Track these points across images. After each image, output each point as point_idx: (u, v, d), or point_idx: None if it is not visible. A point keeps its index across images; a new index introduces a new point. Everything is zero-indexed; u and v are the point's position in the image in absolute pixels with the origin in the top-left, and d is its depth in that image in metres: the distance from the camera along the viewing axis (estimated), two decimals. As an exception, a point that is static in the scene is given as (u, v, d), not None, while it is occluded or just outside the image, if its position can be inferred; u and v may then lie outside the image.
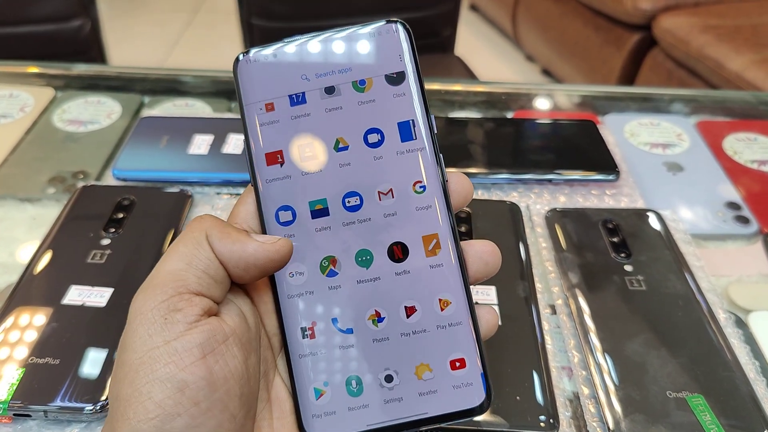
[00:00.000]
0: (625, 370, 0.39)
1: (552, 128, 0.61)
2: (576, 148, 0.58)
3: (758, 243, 0.52)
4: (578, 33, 1.84)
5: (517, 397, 0.37)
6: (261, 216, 0.29)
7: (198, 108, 0.66)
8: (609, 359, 0.40)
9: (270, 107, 0.29)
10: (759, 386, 0.39)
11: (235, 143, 0.58)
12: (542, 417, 0.37)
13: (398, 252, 0.28)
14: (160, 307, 0.24)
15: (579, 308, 0.43)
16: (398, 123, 0.29)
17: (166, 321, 0.24)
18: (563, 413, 0.38)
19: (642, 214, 0.51)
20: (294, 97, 0.29)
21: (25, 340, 0.39)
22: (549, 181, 0.56)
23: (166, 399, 0.23)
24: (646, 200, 0.55)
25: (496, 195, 0.55)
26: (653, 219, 0.51)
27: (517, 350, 0.40)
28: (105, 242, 0.47)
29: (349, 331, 0.28)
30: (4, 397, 0.36)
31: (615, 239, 0.48)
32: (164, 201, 0.51)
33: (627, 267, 0.46)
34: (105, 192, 0.52)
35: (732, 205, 0.55)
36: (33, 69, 0.72)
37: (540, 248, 0.49)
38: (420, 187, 0.28)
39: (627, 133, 0.63)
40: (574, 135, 0.60)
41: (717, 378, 0.39)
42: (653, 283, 0.45)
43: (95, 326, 0.41)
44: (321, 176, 0.29)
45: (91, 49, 1.17)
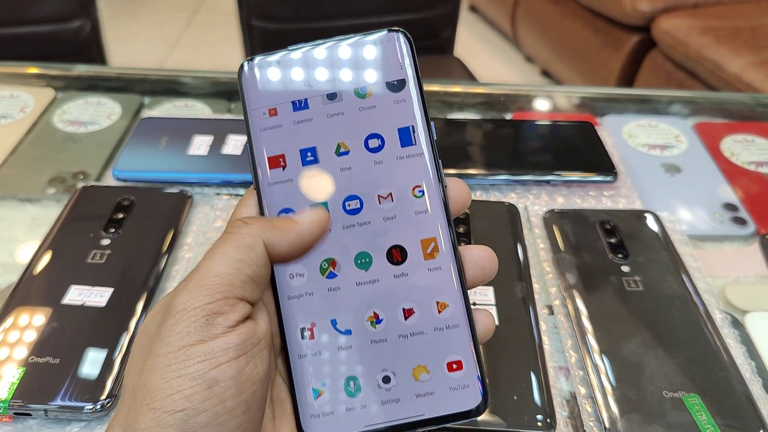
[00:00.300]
0: (622, 370, 0.39)
1: (550, 129, 0.61)
2: (574, 150, 0.58)
3: (755, 244, 0.52)
4: (577, 34, 1.84)
5: (515, 397, 0.38)
6: (262, 216, 0.29)
7: (198, 109, 0.67)
8: (606, 359, 0.40)
9: (273, 112, 0.30)
10: (755, 386, 0.39)
11: (235, 144, 0.58)
12: (539, 416, 0.37)
13: (397, 255, 0.28)
14: (205, 309, 0.25)
15: (576, 309, 0.43)
16: (398, 129, 0.29)
17: (208, 322, 0.25)
18: (560, 413, 0.38)
19: (639, 215, 0.51)
20: (297, 103, 0.30)
21: (26, 340, 0.40)
22: (547, 183, 0.56)
23: (195, 394, 0.23)
24: (644, 201, 0.55)
25: (495, 196, 0.55)
26: (651, 220, 0.51)
27: (515, 350, 0.40)
28: (105, 242, 0.47)
29: (348, 333, 0.28)
30: (5, 396, 0.37)
31: (612, 240, 0.49)
32: (164, 201, 0.52)
33: (624, 268, 0.46)
34: (105, 192, 0.52)
35: (729, 207, 0.55)
36: (33, 70, 0.73)
37: (538, 249, 0.49)
38: (419, 192, 0.29)
39: (625, 135, 0.64)
40: (573, 136, 0.60)
41: (713, 378, 0.39)
42: (650, 284, 0.45)
43: (95, 326, 0.41)
44: (322, 179, 0.29)
45: (91, 50, 1.17)
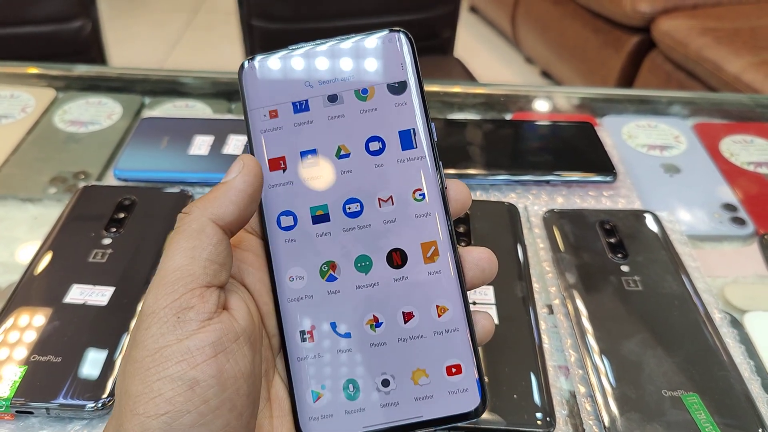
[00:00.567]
0: (622, 369, 0.39)
1: (550, 130, 0.62)
2: (574, 150, 0.59)
3: (754, 244, 0.52)
4: (577, 35, 1.84)
5: (515, 396, 0.38)
6: (262, 220, 0.29)
7: (198, 109, 0.67)
8: (605, 358, 0.40)
9: (273, 114, 0.30)
10: (753, 385, 0.39)
11: (236, 144, 0.59)
12: (539, 415, 0.37)
13: (397, 258, 0.28)
14: (173, 306, 0.24)
15: (576, 308, 0.44)
16: (399, 131, 0.29)
17: (179, 319, 0.24)
18: (560, 412, 0.38)
19: (639, 215, 0.51)
20: (297, 105, 0.30)
21: (27, 339, 0.40)
22: (547, 183, 0.56)
23: (177, 396, 0.23)
24: (644, 201, 0.55)
25: (495, 196, 0.55)
26: (650, 220, 0.51)
27: (515, 349, 0.41)
28: (106, 242, 0.47)
29: (348, 336, 0.28)
30: (7, 395, 0.37)
31: (612, 240, 0.49)
32: (165, 201, 0.52)
33: (624, 267, 0.46)
34: (106, 192, 0.52)
35: (728, 207, 0.55)
36: (34, 70, 0.73)
37: (538, 249, 0.50)
38: (419, 195, 0.29)
39: (625, 135, 0.64)
40: (572, 137, 0.60)
41: (712, 377, 0.39)
42: (650, 284, 0.45)
43: (97, 325, 0.41)
44: (323, 182, 0.29)
45: (92, 50, 1.17)
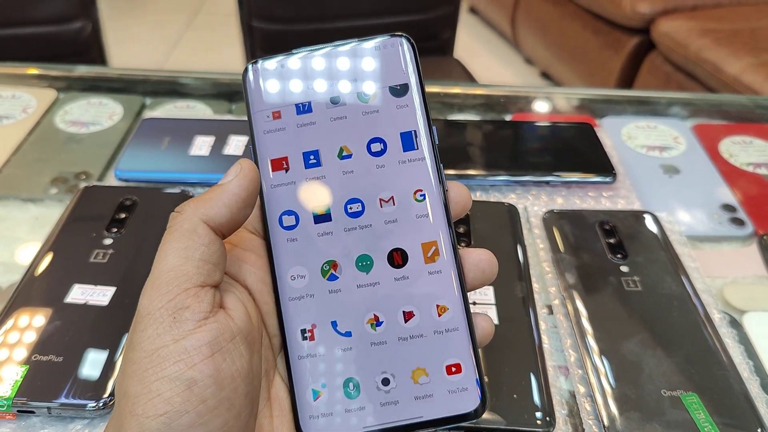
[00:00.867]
0: (621, 369, 0.40)
1: (550, 131, 0.62)
2: (573, 151, 0.59)
3: (753, 245, 0.52)
4: (577, 36, 1.85)
5: (515, 396, 0.38)
6: (264, 219, 0.30)
7: (199, 110, 0.67)
8: (605, 358, 0.40)
9: (277, 115, 0.30)
10: (752, 385, 0.40)
11: (236, 144, 0.59)
12: (539, 415, 0.37)
13: (398, 258, 0.29)
14: (168, 306, 0.25)
15: (576, 308, 0.44)
16: (401, 133, 0.30)
17: (175, 320, 0.24)
18: (559, 411, 0.38)
19: (638, 216, 0.52)
20: (300, 106, 0.30)
21: (29, 338, 0.40)
22: (546, 183, 0.56)
23: (175, 396, 0.23)
24: (643, 202, 0.56)
25: (495, 196, 0.55)
26: (649, 221, 0.51)
27: (515, 349, 0.41)
28: (107, 242, 0.47)
29: (348, 335, 0.28)
30: (8, 394, 0.37)
31: (611, 240, 0.49)
32: (166, 201, 0.52)
33: (623, 268, 0.47)
34: (107, 192, 0.52)
35: (727, 207, 0.55)
36: (35, 71, 0.73)
37: (537, 249, 0.50)
38: (420, 196, 0.29)
39: (624, 136, 0.64)
40: (572, 138, 0.61)
41: (711, 377, 0.39)
42: (649, 284, 0.45)
43: (98, 325, 0.41)
44: (325, 182, 0.30)
45: (92, 51, 1.17)
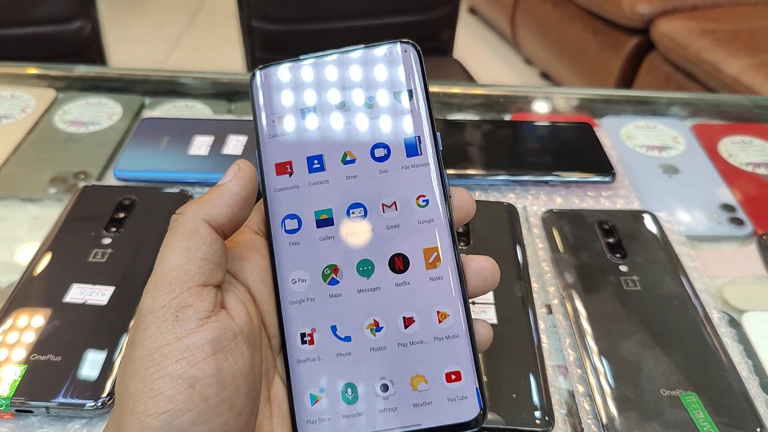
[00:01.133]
0: (620, 369, 0.40)
1: (549, 131, 0.62)
2: (573, 151, 0.59)
3: (752, 244, 0.52)
4: (577, 36, 1.85)
5: (514, 395, 0.38)
6: (267, 222, 0.30)
7: (198, 109, 0.67)
8: (604, 358, 0.40)
9: (282, 119, 0.31)
10: (752, 385, 0.40)
11: (235, 144, 0.59)
12: (538, 414, 0.37)
13: (399, 263, 0.29)
14: (171, 305, 0.25)
15: (575, 308, 0.44)
16: (404, 139, 0.30)
17: (178, 318, 0.24)
18: (558, 411, 0.38)
19: (637, 216, 0.52)
20: (306, 111, 0.31)
21: (27, 338, 0.40)
22: (546, 183, 0.56)
23: (177, 395, 0.23)
24: (642, 202, 0.55)
25: (494, 196, 0.55)
26: (648, 220, 0.51)
27: (514, 349, 0.41)
28: (106, 241, 0.47)
29: (348, 339, 0.28)
30: (7, 394, 0.37)
31: (611, 240, 0.49)
32: (165, 201, 0.52)
33: (622, 267, 0.47)
34: (106, 192, 0.52)
35: (727, 207, 0.55)
36: (34, 70, 0.73)
37: (536, 249, 0.50)
38: (423, 201, 0.29)
39: (623, 136, 0.64)
40: (571, 137, 0.61)
41: (710, 377, 0.39)
42: (648, 284, 0.45)
43: (96, 324, 0.41)
44: (327, 188, 0.30)
45: (91, 51, 1.17)
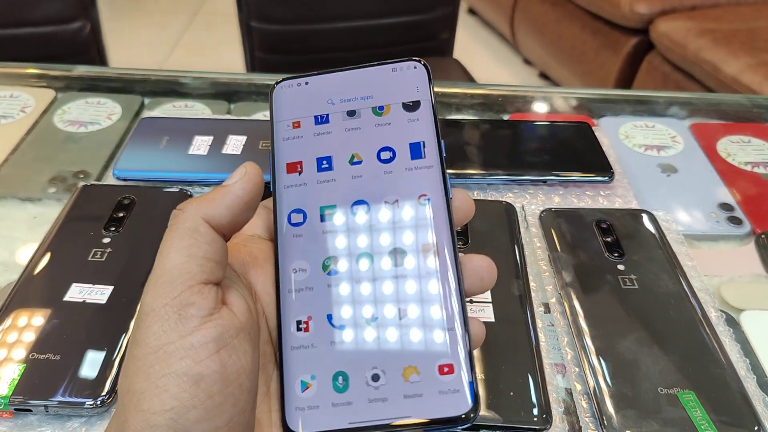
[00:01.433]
0: (618, 367, 0.40)
1: (547, 130, 0.62)
2: (571, 150, 0.59)
3: (750, 243, 0.52)
4: (576, 37, 1.85)
5: (511, 393, 0.38)
6: (275, 217, 0.31)
7: (198, 109, 0.67)
8: (602, 356, 0.40)
9: (296, 125, 0.33)
10: (749, 383, 0.40)
11: (234, 144, 0.59)
12: (535, 412, 0.37)
13: (398, 258, 0.29)
14: (173, 303, 0.25)
15: (572, 307, 0.44)
16: (410, 143, 0.31)
17: (180, 316, 0.24)
18: (556, 409, 0.38)
19: (636, 215, 0.52)
20: (318, 117, 0.33)
21: (26, 337, 0.40)
22: (544, 182, 0.56)
23: (182, 392, 0.23)
24: (640, 201, 0.56)
25: (492, 195, 0.56)
26: (646, 219, 0.51)
27: (512, 348, 0.41)
28: (105, 241, 0.47)
29: (342, 328, 0.28)
30: (6, 392, 0.37)
31: (608, 239, 0.49)
32: (164, 200, 0.52)
33: (620, 266, 0.47)
34: (105, 191, 0.52)
35: (725, 206, 0.55)
36: (33, 70, 0.73)
37: (534, 247, 0.50)
38: (424, 200, 0.30)
39: (622, 135, 0.64)
40: (570, 137, 0.61)
41: (708, 375, 0.39)
42: (646, 282, 0.45)
43: (96, 323, 0.41)
44: (334, 185, 0.31)
45: (91, 51, 1.17)
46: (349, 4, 1.20)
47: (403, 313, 0.28)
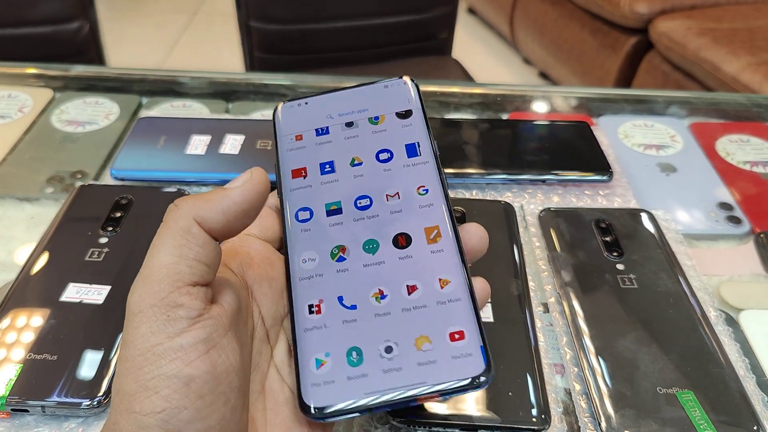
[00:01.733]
0: (617, 367, 0.39)
1: (546, 129, 0.62)
2: (570, 149, 0.59)
3: (750, 243, 0.52)
4: (575, 36, 1.85)
5: (510, 393, 0.38)
6: (282, 216, 0.33)
7: (195, 109, 0.67)
8: (600, 356, 0.40)
9: (299, 137, 0.36)
10: (748, 383, 0.40)
11: (232, 144, 0.59)
12: (534, 412, 0.37)
13: (402, 240, 0.31)
14: (161, 305, 0.24)
15: (571, 306, 0.44)
16: (405, 144, 0.35)
17: (169, 318, 0.24)
18: (555, 409, 0.38)
19: (635, 214, 0.52)
20: (319, 130, 0.36)
21: (23, 337, 0.40)
22: (543, 182, 0.56)
23: (173, 394, 0.23)
24: (639, 201, 0.55)
25: (491, 195, 0.55)
26: (645, 219, 0.51)
27: (510, 347, 0.41)
28: (103, 241, 0.47)
29: (353, 308, 0.29)
30: (2, 393, 0.37)
31: (607, 238, 0.49)
32: (162, 200, 0.52)
33: (619, 265, 0.47)
34: (103, 191, 0.52)
35: (724, 206, 0.55)
36: (32, 70, 0.73)
37: (533, 247, 0.50)
38: (423, 190, 0.33)
39: (621, 135, 0.64)
40: (569, 136, 0.61)
41: (707, 375, 0.39)
42: (645, 282, 0.45)
43: (93, 323, 0.41)
44: (337, 185, 0.34)
45: (90, 51, 1.17)
46: (348, 4, 1.20)
47: (411, 289, 0.30)
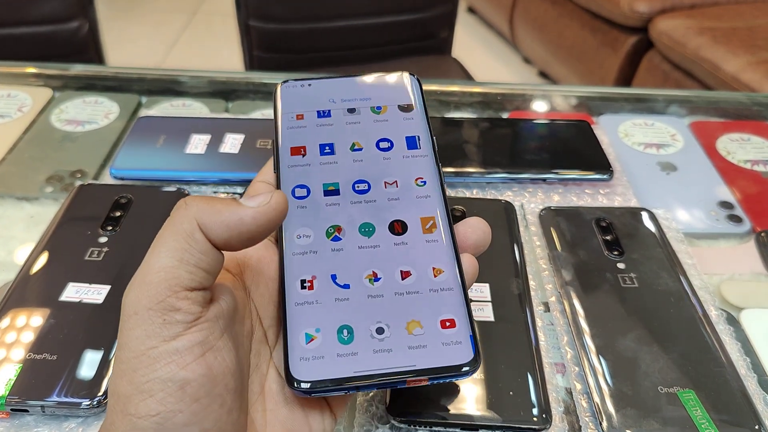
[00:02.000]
0: (618, 366, 0.39)
1: (546, 128, 0.62)
2: (570, 148, 0.59)
3: (750, 242, 0.52)
4: (575, 35, 1.85)
5: (510, 393, 0.38)
6: (278, 189, 0.33)
7: (195, 108, 0.67)
8: (601, 356, 0.40)
9: (300, 117, 0.36)
10: (750, 382, 0.39)
11: (232, 143, 0.59)
12: (535, 412, 0.37)
13: (398, 227, 0.31)
14: (157, 308, 0.24)
15: (572, 305, 0.44)
16: (406, 136, 0.35)
17: (165, 321, 0.24)
18: (556, 408, 0.38)
19: (635, 213, 0.51)
20: (321, 112, 0.36)
21: (23, 337, 0.40)
22: (543, 181, 0.56)
23: (168, 397, 0.23)
24: (640, 199, 0.55)
25: (491, 194, 0.55)
26: (646, 217, 0.51)
27: (511, 347, 0.41)
28: (102, 240, 0.47)
29: (346, 287, 0.29)
30: (2, 393, 0.37)
31: (608, 237, 0.49)
32: (161, 199, 0.52)
33: (620, 264, 0.46)
34: (102, 190, 0.52)
35: (725, 204, 0.55)
36: (31, 69, 0.73)
37: (534, 246, 0.50)
38: (421, 182, 0.33)
39: (621, 134, 0.64)
40: (569, 135, 0.60)
41: (708, 374, 0.39)
42: (646, 281, 0.45)
43: (92, 323, 0.41)
44: (336, 167, 0.34)
45: (89, 50, 1.17)
46: (348, 3, 1.20)
47: (405, 274, 0.30)
